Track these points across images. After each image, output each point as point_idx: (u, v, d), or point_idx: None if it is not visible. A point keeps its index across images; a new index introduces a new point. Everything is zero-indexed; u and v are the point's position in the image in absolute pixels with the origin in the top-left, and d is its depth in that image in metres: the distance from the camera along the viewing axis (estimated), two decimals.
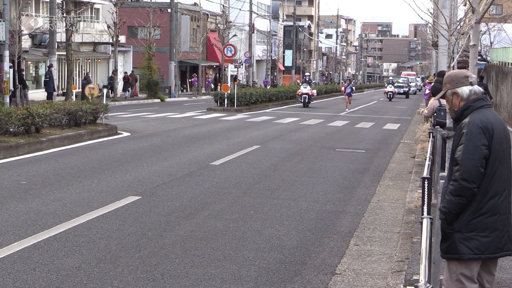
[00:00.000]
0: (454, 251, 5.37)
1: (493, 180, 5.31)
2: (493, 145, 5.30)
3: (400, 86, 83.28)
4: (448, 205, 5.35)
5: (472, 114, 5.40)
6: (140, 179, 14.36)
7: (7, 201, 11.63)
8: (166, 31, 61.98)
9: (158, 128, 26.84)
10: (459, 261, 5.38)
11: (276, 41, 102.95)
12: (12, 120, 18.88)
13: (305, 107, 48.10)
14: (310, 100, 49.73)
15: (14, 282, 7.42)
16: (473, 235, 5.31)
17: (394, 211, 12.04)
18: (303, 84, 50.32)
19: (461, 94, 5.53)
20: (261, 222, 10.78)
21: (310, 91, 49.54)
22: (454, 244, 5.36)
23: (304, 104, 48.93)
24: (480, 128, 5.28)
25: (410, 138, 26.19)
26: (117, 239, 9.36)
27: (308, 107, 48.27)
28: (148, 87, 55.62)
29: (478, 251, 5.32)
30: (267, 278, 7.96)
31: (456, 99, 5.56)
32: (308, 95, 49.16)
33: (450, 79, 5.60)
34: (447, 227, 5.40)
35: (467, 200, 5.27)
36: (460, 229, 5.34)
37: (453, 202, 5.31)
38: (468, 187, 5.24)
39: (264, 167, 16.99)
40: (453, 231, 5.37)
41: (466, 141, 5.27)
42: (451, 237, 5.39)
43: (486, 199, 5.30)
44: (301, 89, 49.83)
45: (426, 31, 62.09)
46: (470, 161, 5.23)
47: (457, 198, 5.28)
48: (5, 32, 34.34)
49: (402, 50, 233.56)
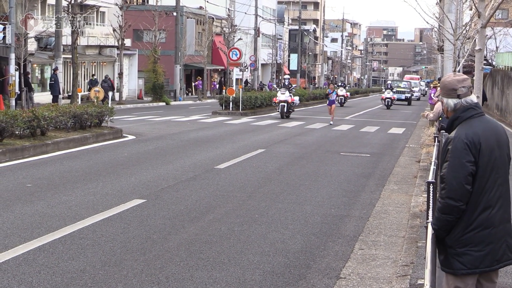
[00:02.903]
0: (449, 265, 5.31)
1: (483, 193, 5.21)
2: (481, 159, 5.19)
3: (401, 92, 71.81)
4: (437, 222, 5.29)
5: (460, 126, 5.30)
6: (145, 182, 14.38)
7: (13, 203, 11.65)
8: (172, 34, 62.02)
9: (163, 131, 26.86)
10: (454, 275, 5.34)
11: (281, 45, 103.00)
12: (18, 123, 18.91)
13: (283, 117, 38.78)
14: (291, 110, 40.31)
15: (19, 284, 7.44)
16: (466, 250, 5.23)
17: (399, 216, 12.03)
18: (281, 89, 40.65)
19: (446, 105, 5.45)
20: (266, 225, 10.78)
21: (290, 98, 39.93)
22: (447, 259, 5.32)
23: (282, 114, 39.25)
24: (465, 144, 5.17)
25: (415, 143, 26.16)
26: (122, 242, 9.37)
27: (289, 117, 39.22)
28: (153, 91, 55.65)
29: (471, 266, 5.23)
30: (271, 282, 7.96)
31: (445, 108, 5.50)
32: (287, 102, 39.58)
33: (442, 86, 5.51)
34: (440, 242, 5.35)
35: (455, 217, 5.19)
36: (452, 245, 5.26)
37: (441, 219, 5.24)
38: (454, 205, 5.16)
39: (269, 171, 16.99)
40: (446, 247, 5.33)
41: (451, 158, 5.18)
42: (445, 251, 5.35)
43: (476, 214, 5.21)
44: (278, 95, 40.14)
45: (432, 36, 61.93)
46: (455, 179, 5.14)
47: (444, 216, 5.21)
48: (11, 35, 34.41)
49: (408, 54, 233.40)
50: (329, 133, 29.59)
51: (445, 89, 5.46)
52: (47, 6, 50.55)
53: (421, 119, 42.11)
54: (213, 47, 76.51)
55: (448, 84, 5.45)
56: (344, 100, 60.13)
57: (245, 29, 79.42)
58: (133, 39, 63.15)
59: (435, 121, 20.07)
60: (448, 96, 5.43)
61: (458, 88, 5.40)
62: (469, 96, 5.41)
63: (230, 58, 54.84)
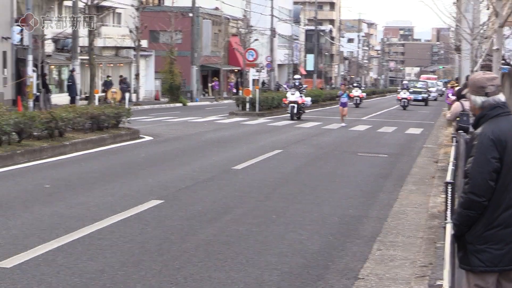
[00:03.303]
0: (467, 262, 5.30)
1: (506, 191, 5.19)
2: (506, 157, 5.18)
3: (418, 92, 69.78)
4: (458, 217, 5.28)
5: (486, 124, 5.29)
6: (162, 183, 14.41)
7: (32, 204, 11.71)
8: (188, 35, 62.12)
9: (180, 132, 26.91)
10: (473, 272, 5.32)
11: (297, 45, 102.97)
12: (36, 124, 19.00)
13: (293, 119, 37.11)
14: (301, 111, 38.51)
15: (39, 284, 7.48)
16: (485, 247, 5.21)
17: (417, 216, 11.99)
18: (291, 89, 38.95)
19: (474, 102, 5.45)
20: (283, 226, 10.78)
21: (301, 99, 38.15)
22: (466, 256, 5.30)
23: (291, 115, 37.54)
24: (491, 140, 5.16)
25: (433, 143, 26.07)
26: (140, 242, 9.40)
27: (300, 119, 37.74)
28: (170, 91, 55.77)
29: (490, 264, 5.21)
30: (289, 283, 7.96)
31: (472, 105, 5.50)
32: (298, 103, 37.82)
33: (471, 83, 5.51)
34: (460, 238, 5.34)
35: (476, 213, 5.18)
36: (472, 241, 5.25)
37: (462, 214, 5.23)
38: (477, 200, 5.15)
39: (286, 172, 16.99)
40: (466, 243, 5.31)
41: (476, 154, 5.18)
42: (464, 248, 5.34)
43: (499, 212, 5.19)
44: (288, 96, 38.52)
45: (449, 35, 61.68)
46: (479, 174, 5.13)
47: (466, 211, 5.20)
48: (29, 36, 34.58)
49: (425, 54, 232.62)
50: (346, 134, 29.54)
51: (474, 86, 5.45)
52: (64, 7, 50.78)
53: (439, 119, 42.00)
54: (229, 48, 76.57)
55: (477, 81, 5.45)
56: (359, 101, 58.75)
57: (261, 29, 79.40)
58: (150, 40, 63.29)
59: (453, 121, 20.01)
60: (476, 93, 5.42)
61: (487, 86, 5.38)
62: (497, 95, 5.40)
63: (247, 59, 54.85)
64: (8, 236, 9.45)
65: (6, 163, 16.37)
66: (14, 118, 18.08)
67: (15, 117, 18.21)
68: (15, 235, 9.53)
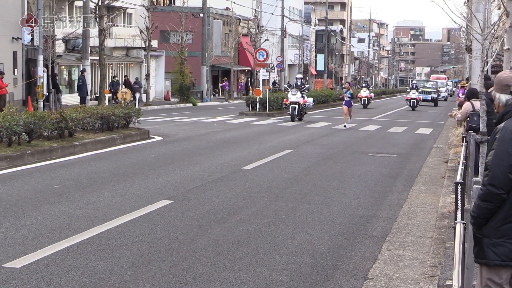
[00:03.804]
0: (482, 256, 5.32)
1: None
2: None
3: (427, 92, 68.17)
4: (476, 210, 5.31)
5: (510, 119, 5.37)
6: (172, 183, 14.42)
7: (41, 204, 11.73)
8: (198, 35, 62.17)
9: (190, 132, 26.92)
10: (488, 267, 5.32)
11: (308, 45, 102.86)
12: (46, 124, 19.05)
13: (294, 120, 35.68)
14: (303, 112, 37.13)
15: (48, 285, 7.49)
16: (502, 241, 5.23)
17: (427, 216, 11.97)
18: (292, 89, 37.35)
19: (498, 100, 5.51)
20: (293, 226, 10.77)
21: (302, 99, 36.64)
22: (482, 249, 5.31)
23: (292, 117, 35.91)
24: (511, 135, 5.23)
25: (443, 143, 26.01)
26: (149, 242, 9.40)
27: (301, 120, 36.48)
28: (180, 92, 55.81)
29: (506, 258, 5.22)
30: (299, 283, 7.94)
31: (496, 103, 5.56)
32: (299, 104, 36.29)
33: (497, 81, 5.62)
34: (477, 232, 5.36)
35: (495, 205, 5.21)
36: (489, 235, 5.27)
37: (481, 207, 5.26)
38: (496, 192, 5.18)
39: (296, 172, 16.98)
40: (483, 236, 5.32)
41: (498, 147, 5.24)
42: (480, 242, 5.34)
43: None
44: (289, 96, 36.99)
45: (460, 35, 61.42)
46: (499, 167, 5.17)
47: (484, 203, 5.23)
48: (39, 37, 34.69)
49: (435, 54, 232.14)
50: (356, 134, 29.50)
51: (499, 84, 5.56)
52: (74, 7, 50.90)
53: (449, 119, 41.87)
54: (239, 48, 76.61)
55: (503, 80, 5.56)
56: (367, 102, 57.49)
57: (272, 29, 79.38)
58: (160, 41, 63.39)
59: (463, 121, 19.94)
60: (501, 91, 5.54)
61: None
62: None
63: (257, 59, 54.94)
64: (18, 236, 9.47)
65: (16, 163, 16.42)
66: (24, 118, 18.12)
67: (25, 117, 18.25)
68: (24, 235, 9.55)
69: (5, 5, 40.04)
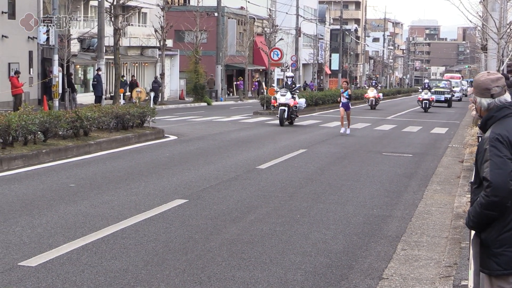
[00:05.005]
0: (485, 266, 5.24)
1: None
2: None
3: (440, 92, 64.17)
4: (477, 216, 5.17)
5: (494, 126, 5.24)
6: (187, 182, 14.43)
7: (57, 203, 11.77)
8: (213, 35, 62.24)
9: (205, 131, 26.95)
10: (495, 276, 5.26)
11: (322, 44, 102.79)
12: (61, 123, 19.11)
13: (283, 125, 31.03)
14: (293, 115, 32.39)
15: (63, 283, 7.51)
16: (502, 251, 5.13)
17: (442, 216, 11.93)
18: (281, 89, 32.89)
19: (479, 104, 5.38)
20: (307, 226, 10.76)
21: (293, 101, 31.97)
22: (484, 260, 5.25)
23: (281, 120, 31.21)
24: (500, 142, 5.10)
25: (458, 142, 25.92)
26: (164, 241, 9.42)
27: (292, 124, 32.25)
28: (195, 91, 55.88)
29: (507, 266, 5.13)
30: (313, 282, 7.94)
31: (478, 107, 5.43)
32: (289, 106, 31.60)
33: (475, 85, 5.42)
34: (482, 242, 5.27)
35: (498, 213, 5.09)
36: (489, 245, 5.18)
37: (482, 214, 5.13)
38: (500, 202, 5.04)
39: (310, 171, 16.96)
40: (483, 247, 5.25)
41: (492, 157, 5.08)
42: (482, 252, 5.28)
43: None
44: (277, 97, 32.19)
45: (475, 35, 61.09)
46: (500, 176, 5.02)
47: (487, 212, 5.11)
48: (55, 36, 34.81)
49: (450, 53, 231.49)
50: (370, 133, 29.44)
51: (479, 88, 5.38)
52: (89, 7, 51.08)
53: (464, 119, 41.77)
54: (254, 48, 76.64)
55: (481, 83, 5.37)
56: (375, 102, 54.36)
57: (286, 29, 79.41)
58: (175, 40, 63.49)
59: (479, 120, 19.87)
60: (481, 95, 5.35)
61: (492, 87, 5.31)
62: (503, 96, 5.34)
63: (272, 58, 54.88)
64: (33, 235, 9.51)
65: (32, 162, 16.48)
66: (40, 117, 18.19)
67: (40, 116, 18.31)
68: (40, 234, 9.58)
69: (21, 5, 40.22)
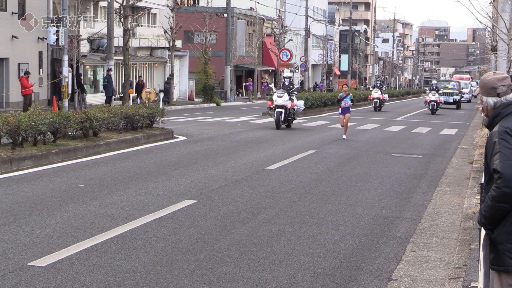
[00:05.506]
0: (500, 263, 5.21)
1: None
2: None
3: (449, 93, 61.87)
4: (489, 210, 5.16)
5: (502, 121, 5.27)
6: (196, 183, 14.44)
7: (66, 203, 11.79)
8: (222, 35, 62.26)
9: (214, 132, 26.96)
10: (506, 273, 5.24)
11: (332, 45, 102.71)
12: (71, 124, 19.15)
13: (279, 128, 29.37)
14: (291, 118, 30.47)
15: (73, 283, 7.52)
16: None
17: (452, 217, 11.90)
18: (278, 90, 30.86)
19: (485, 104, 5.42)
20: (316, 227, 10.75)
21: (290, 103, 30.09)
22: (498, 256, 5.23)
23: (277, 123, 29.44)
24: (508, 135, 5.13)
25: (468, 144, 25.87)
26: (173, 242, 9.42)
27: (289, 127, 30.46)
28: (204, 92, 55.92)
29: None
30: (322, 283, 7.93)
31: (484, 106, 5.46)
32: (286, 108, 29.78)
33: (481, 85, 5.47)
34: (492, 239, 5.25)
35: (510, 206, 5.11)
36: (501, 241, 5.17)
37: (494, 208, 5.12)
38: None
39: (319, 172, 16.95)
40: (496, 243, 5.24)
41: (501, 149, 5.10)
42: (496, 248, 5.26)
43: None
44: (274, 98, 30.11)
45: (485, 35, 60.84)
46: (510, 167, 5.03)
47: (499, 205, 5.10)
48: (64, 37, 34.90)
49: (460, 54, 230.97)
50: (380, 134, 29.41)
51: (485, 87, 5.43)
52: (99, 8, 51.18)
53: (474, 120, 41.68)
54: (263, 48, 76.64)
55: (487, 82, 5.42)
56: (379, 104, 52.25)
57: (296, 30, 79.41)
58: (184, 41, 63.56)
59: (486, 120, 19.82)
60: (488, 94, 5.41)
61: (498, 86, 5.37)
62: (509, 95, 5.38)
63: (281, 59, 54.94)
64: (43, 235, 9.53)
65: (41, 163, 16.52)
66: (50, 118, 18.23)
67: (50, 117, 18.35)
68: (49, 234, 9.60)
69: (31, 6, 40.31)
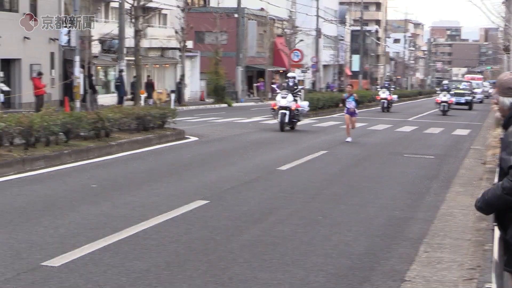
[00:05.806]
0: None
1: None
2: None
3: (460, 94, 60.16)
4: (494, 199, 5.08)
5: None
6: (207, 183, 14.44)
7: (79, 204, 11.81)
8: (233, 36, 62.27)
9: (225, 132, 26.96)
10: None
11: (343, 46, 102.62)
12: (83, 124, 19.19)
13: (284, 130, 28.17)
14: (295, 119, 29.14)
15: (86, 283, 7.53)
16: None
17: (465, 218, 11.85)
18: (282, 91, 29.20)
19: (501, 104, 5.38)
20: (329, 227, 10.73)
21: (295, 104, 28.75)
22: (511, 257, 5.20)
23: (281, 125, 28.23)
24: None
25: (480, 144, 25.78)
26: (185, 242, 9.42)
27: (293, 129, 29.24)
28: (215, 92, 55.94)
29: None
30: (335, 284, 7.91)
31: (500, 107, 5.42)
32: (290, 110, 28.47)
33: (498, 84, 5.43)
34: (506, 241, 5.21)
35: None
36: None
37: (502, 198, 5.02)
38: None
39: (331, 173, 16.93)
40: (510, 245, 5.19)
41: None
42: (509, 250, 5.22)
43: None
44: (278, 99, 28.88)
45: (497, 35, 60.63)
46: None
47: (507, 197, 5.01)
48: (76, 38, 34.97)
49: (472, 54, 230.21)
50: (392, 135, 29.36)
51: (502, 87, 5.38)
52: (110, 8, 51.26)
53: (487, 120, 41.56)
54: (274, 49, 76.60)
55: (504, 82, 5.37)
56: (387, 105, 51.33)
57: (307, 30, 79.25)
58: (195, 41, 63.56)
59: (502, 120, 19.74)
60: (504, 94, 5.36)
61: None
62: None
63: (292, 60, 54.78)
64: (56, 235, 9.54)
65: (53, 163, 16.55)
66: (62, 118, 18.28)
67: (62, 117, 18.40)
68: (62, 234, 9.62)
69: (42, 7, 40.42)
